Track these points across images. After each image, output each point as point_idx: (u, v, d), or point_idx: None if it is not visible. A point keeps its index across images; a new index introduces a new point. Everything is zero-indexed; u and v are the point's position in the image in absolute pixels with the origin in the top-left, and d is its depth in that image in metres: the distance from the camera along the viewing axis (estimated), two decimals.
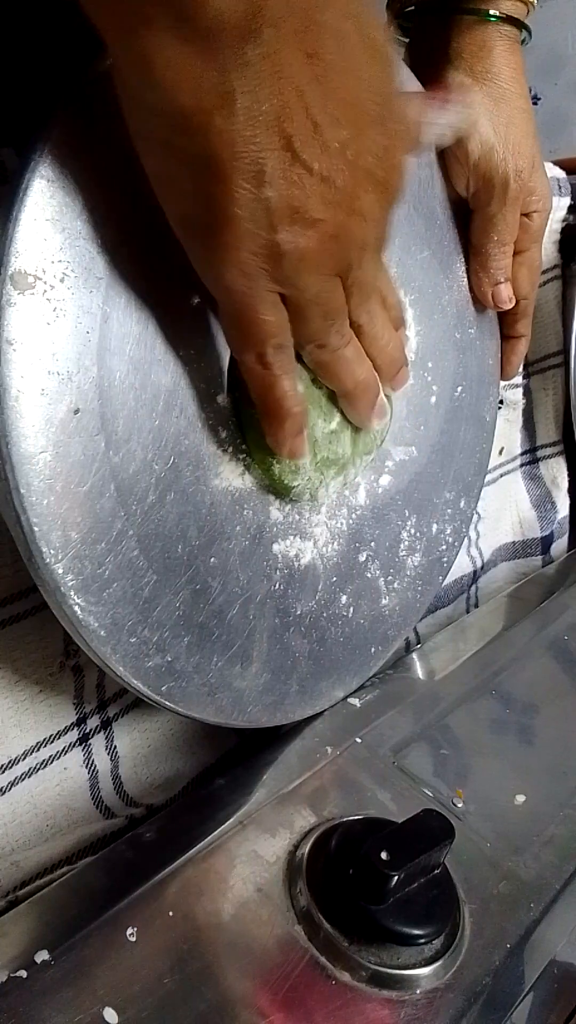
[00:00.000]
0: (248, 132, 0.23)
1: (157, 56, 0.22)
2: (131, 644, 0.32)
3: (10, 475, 0.28)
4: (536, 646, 0.55)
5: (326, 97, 0.24)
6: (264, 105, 0.23)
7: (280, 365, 0.30)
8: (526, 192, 0.46)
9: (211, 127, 0.23)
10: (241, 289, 0.27)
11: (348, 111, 0.25)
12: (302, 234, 0.25)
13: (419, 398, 0.46)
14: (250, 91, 0.23)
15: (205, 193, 0.24)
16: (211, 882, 0.34)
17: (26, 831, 0.39)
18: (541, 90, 1.53)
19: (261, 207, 0.24)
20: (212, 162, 0.24)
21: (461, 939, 0.34)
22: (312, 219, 0.25)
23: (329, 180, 0.25)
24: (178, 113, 0.23)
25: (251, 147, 0.23)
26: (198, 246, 0.27)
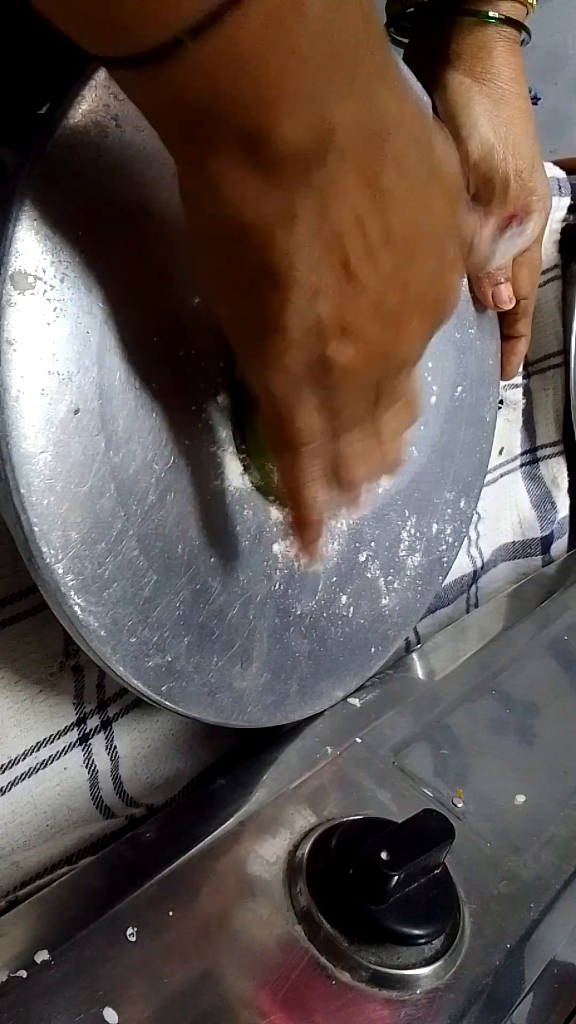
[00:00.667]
0: (307, 249, 0.24)
1: (224, 177, 0.23)
2: (131, 644, 0.32)
3: (10, 475, 0.28)
4: (536, 646, 0.55)
5: (384, 223, 0.25)
6: (324, 227, 0.24)
7: (311, 472, 0.30)
8: (526, 192, 0.46)
9: (272, 242, 0.24)
10: (284, 394, 0.28)
11: (404, 237, 0.25)
12: (351, 348, 0.26)
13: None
14: (312, 213, 0.23)
15: (260, 302, 0.25)
16: (211, 882, 0.34)
17: (26, 831, 0.39)
18: (541, 90, 1.53)
19: (314, 319, 0.25)
20: (270, 273, 0.24)
21: (461, 939, 0.34)
22: (362, 336, 0.26)
23: (381, 300, 0.26)
24: (241, 227, 0.24)
25: (309, 263, 0.24)
26: (248, 347, 0.28)
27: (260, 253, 0.24)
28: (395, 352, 0.28)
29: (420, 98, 0.25)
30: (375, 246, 0.25)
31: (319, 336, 0.26)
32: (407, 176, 0.25)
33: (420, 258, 0.26)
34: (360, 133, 0.23)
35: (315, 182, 0.23)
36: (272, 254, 0.24)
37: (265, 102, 0.21)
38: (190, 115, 0.22)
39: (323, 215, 0.24)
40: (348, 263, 0.25)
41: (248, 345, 0.28)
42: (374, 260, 0.25)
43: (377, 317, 0.26)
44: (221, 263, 0.26)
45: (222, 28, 0.19)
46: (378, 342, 0.27)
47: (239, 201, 0.23)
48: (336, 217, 0.24)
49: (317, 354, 0.26)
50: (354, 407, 0.29)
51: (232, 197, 0.23)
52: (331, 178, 0.23)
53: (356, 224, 0.24)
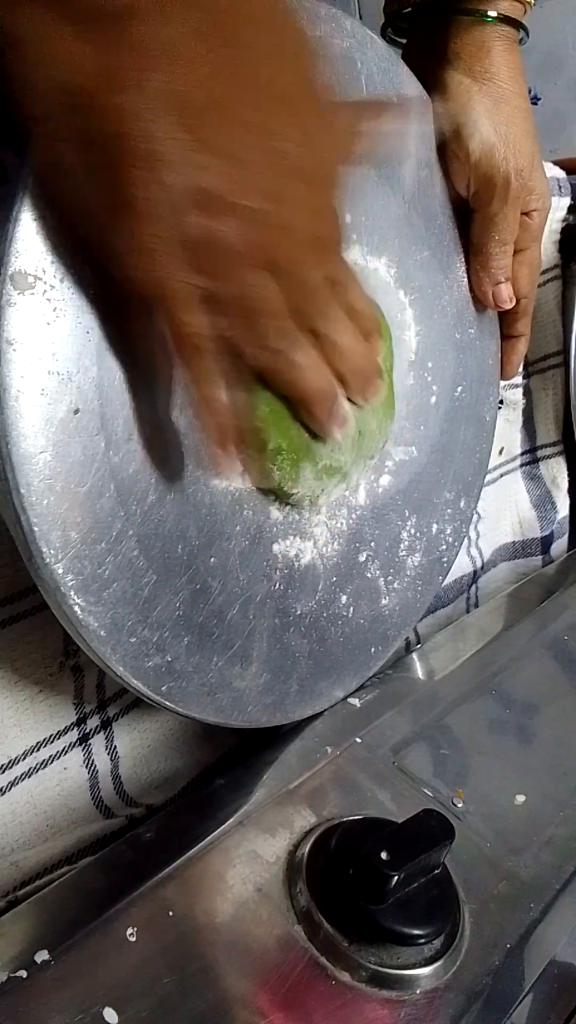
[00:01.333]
0: (138, 109, 0.22)
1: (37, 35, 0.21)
2: (131, 644, 0.32)
3: (10, 475, 0.28)
4: (536, 646, 0.55)
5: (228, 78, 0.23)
6: (152, 82, 0.22)
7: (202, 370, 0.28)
8: (526, 191, 0.46)
9: (97, 105, 0.22)
10: (152, 281, 0.25)
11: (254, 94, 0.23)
12: (214, 218, 0.24)
13: (419, 398, 0.46)
14: (136, 69, 0.22)
15: (100, 175, 0.23)
16: (211, 882, 0.34)
17: (26, 831, 0.39)
18: (541, 90, 1.53)
19: (159, 186, 0.23)
20: (103, 142, 0.22)
21: (461, 939, 0.34)
22: (224, 202, 0.24)
23: (238, 161, 0.23)
24: (62, 91, 0.22)
25: (142, 124, 0.22)
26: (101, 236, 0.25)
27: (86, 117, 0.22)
28: (275, 224, 0.25)
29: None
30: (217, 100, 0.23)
31: (171, 206, 0.23)
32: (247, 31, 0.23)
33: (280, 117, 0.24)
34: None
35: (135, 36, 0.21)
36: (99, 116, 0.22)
37: None
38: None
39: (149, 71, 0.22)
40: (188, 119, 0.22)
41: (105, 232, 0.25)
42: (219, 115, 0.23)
43: (239, 181, 0.24)
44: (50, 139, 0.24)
45: None
46: (247, 210, 0.24)
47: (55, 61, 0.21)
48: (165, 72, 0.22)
49: (175, 226, 0.23)
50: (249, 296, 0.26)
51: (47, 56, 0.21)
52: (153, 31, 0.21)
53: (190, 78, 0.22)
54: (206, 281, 0.25)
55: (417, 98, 0.43)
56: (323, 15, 0.37)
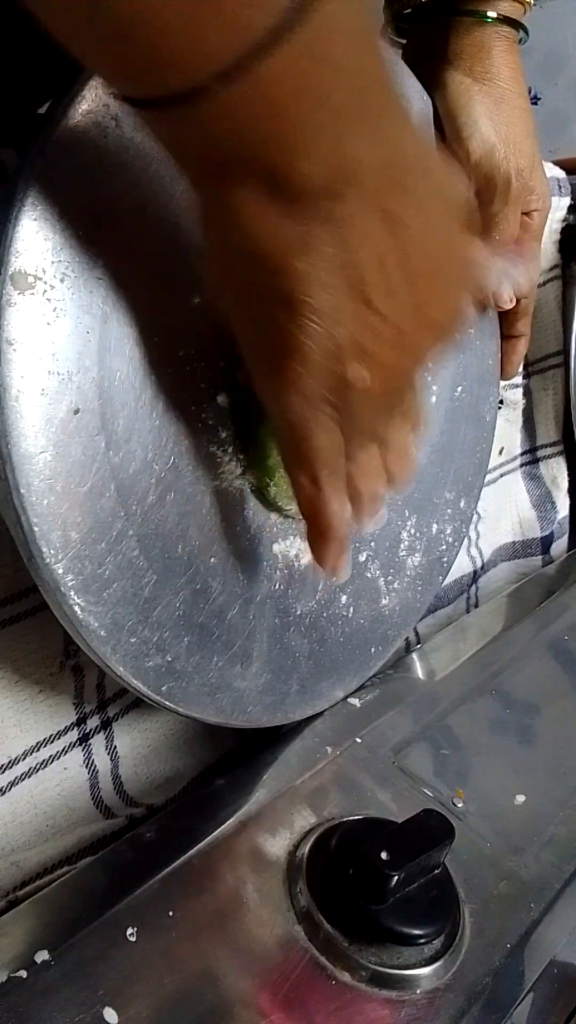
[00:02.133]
0: (323, 277, 0.25)
1: (245, 210, 0.24)
2: (131, 644, 0.32)
3: (10, 475, 0.28)
4: (536, 646, 0.55)
5: (399, 251, 0.25)
6: (342, 255, 0.24)
7: (332, 487, 0.31)
8: (526, 191, 0.46)
9: (290, 268, 0.24)
10: (302, 415, 0.28)
11: (418, 263, 0.26)
12: (368, 372, 0.27)
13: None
14: (330, 242, 0.24)
15: (278, 327, 0.26)
16: (211, 882, 0.34)
17: (26, 831, 0.39)
18: (541, 90, 1.53)
19: (331, 343, 0.26)
20: (289, 302, 0.25)
21: (461, 939, 0.34)
22: (379, 360, 0.27)
23: (397, 327, 0.27)
24: (259, 256, 0.24)
25: (325, 289, 0.25)
26: (266, 373, 0.28)
27: (278, 279, 0.25)
28: (409, 376, 0.29)
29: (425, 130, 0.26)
30: (390, 272, 0.26)
31: (336, 362, 0.26)
32: (423, 208, 0.26)
33: (434, 282, 0.27)
34: (377, 167, 0.24)
35: (333, 215, 0.24)
36: (289, 279, 0.25)
37: (287, 142, 0.22)
38: (213, 154, 0.23)
39: (341, 246, 0.24)
40: (364, 288, 0.25)
41: (267, 369, 0.28)
42: (389, 284, 0.26)
43: (394, 344, 0.27)
44: (241, 290, 0.27)
45: (249, 74, 0.20)
46: (392, 362, 0.28)
47: (258, 232, 0.24)
48: (353, 248, 0.24)
49: (334, 379, 0.27)
50: (368, 424, 0.30)
51: (252, 228, 0.24)
52: (349, 211, 0.24)
53: (372, 252, 0.25)
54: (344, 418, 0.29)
55: None
56: None
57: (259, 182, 0.23)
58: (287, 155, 0.22)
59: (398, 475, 0.34)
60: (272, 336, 0.27)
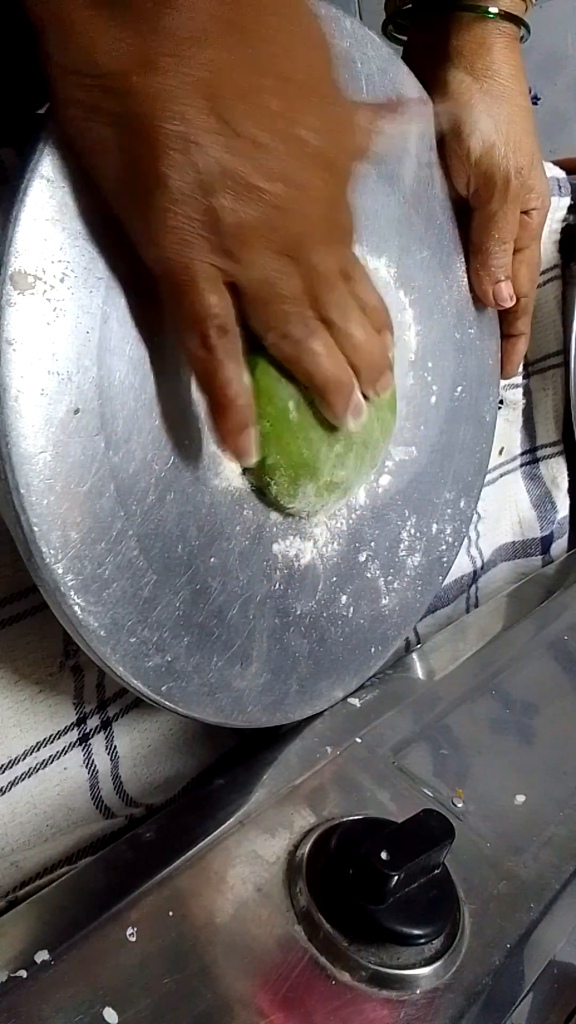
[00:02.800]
0: (171, 93, 0.23)
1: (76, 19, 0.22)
2: (131, 644, 0.32)
3: (10, 475, 0.28)
4: (536, 646, 0.55)
5: (253, 66, 0.24)
6: (185, 69, 0.23)
7: (223, 349, 0.28)
8: (526, 190, 0.46)
9: (132, 88, 0.23)
10: (178, 259, 0.25)
11: (278, 83, 0.24)
12: (241, 201, 0.24)
13: (419, 398, 0.46)
14: (170, 55, 0.22)
15: (134, 156, 0.24)
16: (211, 882, 0.34)
17: (26, 831, 0.39)
18: (541, 90, 1.53)
19: (192, 170, 0.24)
20: (137, 123, 0.23)
21: (461, 939, 0.34)
22: (250, 185, 0.24)
23: (264, 147, 0.24)
24: (98, 74, 0.23)
25: (175, 107, 0.23)
26: (132, 215, 0.26)
27: (122, 100, 0.23)
28: (296, 209, 0.26)
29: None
30: (246, 89, 0.23)
31: (201, 187, 0.24)
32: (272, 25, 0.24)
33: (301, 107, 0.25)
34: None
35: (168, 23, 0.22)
36: (134, 99, 0.23)
37: None
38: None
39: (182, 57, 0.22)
40: (217, 105, 0.23)
41: (133, 212, 0.26)
42: (247, 103, 0.24)
43: (264, 166, 0.24)
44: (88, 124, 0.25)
45: None
46: (271, 194, 0.25)
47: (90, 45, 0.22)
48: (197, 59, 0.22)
49: (204, 208, 0.24)
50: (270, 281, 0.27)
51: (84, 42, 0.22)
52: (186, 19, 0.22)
53: (221, 66, 0.23)
54: (231, 264, 0.26)
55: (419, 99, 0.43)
56: (323, 15, 0.37)
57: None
58: None
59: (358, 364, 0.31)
60: (128, 168, 0.24)
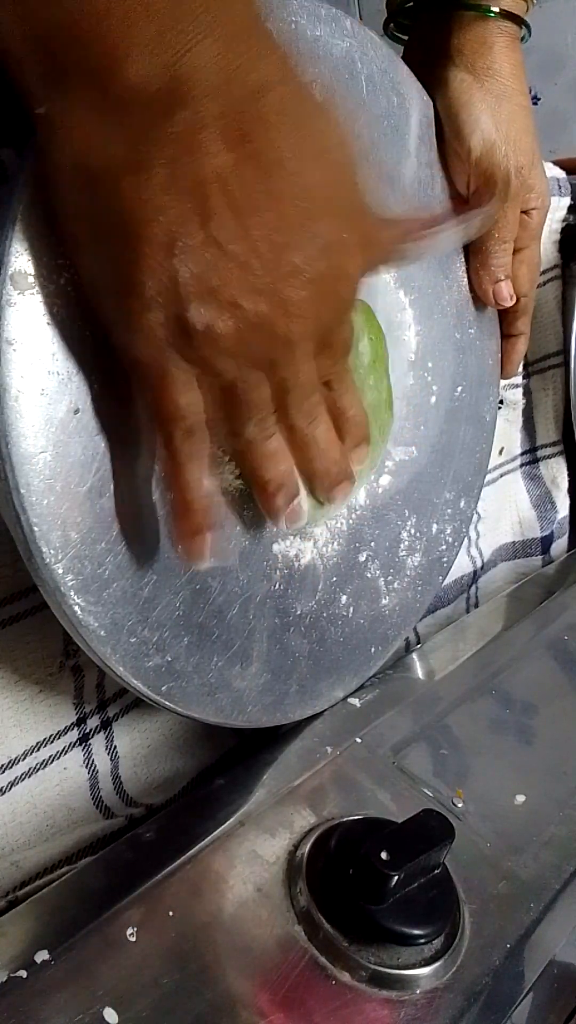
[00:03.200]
0: (158, 201, 0.22)
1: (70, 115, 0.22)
2: (131, 644, 0.32)
3: (10, 475, 0.28)
4: (536, 646, 0.55)
5: (256, 183, 0.23)
6: (178, 179, 0.22)
7: (187, 452, 0.28)
8: (526, 189, 0.46)
9: (119, 190, 0.22)
10: (149, 360, 0.26)
11: (274, 202, 0.24)
12: (215, 315, 0.24)
13: (419, 398, 0.46)
14: (164, 163, 0.22)
15: (113, 258, 0.24)
16: (211, 882, 0.34)
17: (26, 831, 0.39)
18: (541, 90, 1.53)
19: (168, 278, 0.23)
20: (121, 226, 0.23)
21: (461, 939, 0.34)
22: (227, 301, 0.24)
23: (247, 266, 0.24)
24: (88, 173, 0.23)
25: (161, 216, 0.23)
26: (108, 309, 0.26)
27: (109, 202, 0.23)
28: (274, 329, 0.26)
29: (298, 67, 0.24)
30: (238, 206, 0.23)
31: (175, 296, 0.24)
32: (282, 139, 0.23)
33: (299, 227, 0.24)
34: (217, 86, 0.22)
35: (166, 133, 0.22)
36: (120, 202, 0.23)
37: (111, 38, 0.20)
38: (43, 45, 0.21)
39: (176, 167, 0.22)
40: (205, 220, 0.23)
41: (108, 306, 0.26)
42: (236, 221, 0.23)
43: (246, 285, 0.24)
44: (75, 213, 0.25)
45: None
46: (255, 313, 0.25)
47: (86, 144, 0.22)
48: (191, 171, 0.22)
49: (176, 316, 0.24)
50: (237, 390, 0.27)
51: (80, 139, 0.22)
52: (184, 129, 0.22)
53: (215, 181, 0.23)
54: (200, 370, 0.26)
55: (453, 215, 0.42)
56: (323, 15, 0.37)
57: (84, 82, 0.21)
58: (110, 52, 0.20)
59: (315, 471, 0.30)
60: (109, 268, 0.24)
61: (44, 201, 0.28)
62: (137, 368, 0.26)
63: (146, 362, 0.26)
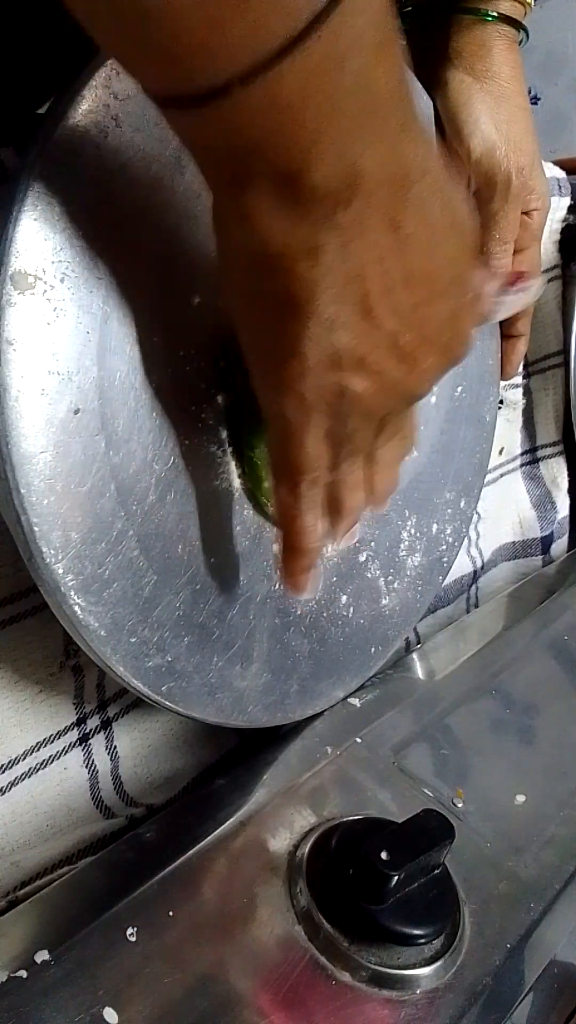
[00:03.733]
0: (328, 282, 0.25)
1: (257, 211, 0.24)
2: (131, 644, 0.32)
3: (10, 475, 0.28)
4: (536, 646, 0.55)
5: (404, 264, 0.26)
6: (346, 263, 0.25)
7: (310, 499, 0.31)
8: (527, 190, 0.46)
9: (295, 272, 0.25)
10: (296, 420, 0.28)
11: (422, 279, 0.27)
12: (365, 380, 0.27)
13: None
14: (335, 249, 0.25)
15: (280, 329, 0.26)
16: (211, 882, 0.34)
17: (26, 831, 0.39)
18: (541, 90, 1.53)
19: (331, 348, 0.26)
20: (293, 305, 0.26)
21: (461, 939, 0.34)
22: (377, 369, 0.27)
23: (396, 337, 0.27)
24: (267, 257, 0.25)
25: (329, 295, 0.25)
26: (265, 372, 0.29)
27: (284, 281, 0.25)
28: (406, 388, 0.29)
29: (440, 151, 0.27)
30: (394, 284, 0.26)
31: (334, 365, 0.27)
32: (428, 222, 0.26)
33: (437, 300, 0.28)
34: (385, 179, 0.24)
35: (340, 221, 0.24)
36: (295, 283, 0.25)
37: (301, 147, 0.22)
38: (231, 153, 0.23)
39: (345, 251, 0.25)
40: (367, 298, 0.26)
41: (266, 369, 0.29)
42: (392, 297, 0.26)
43: (392, 353, 0.27)
44: (247, 290, 0.27)
45: (269, 77, 0.20)
46: (391, 377, 0.28)
47: (268, 233, 0.24)
48: (358, 254, 0.25)
49: (331, 383, 0.27)
50: (359, 438, 0.30)
51: (262, 229, 0.24)
52: (355, 218, 0.24)
53: (376, 263, 0.25)
54: (336, 425, 0.29)
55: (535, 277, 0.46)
56: None
57: (272, 185, 0.23)
58: (299, 159, 0.23)
59: (380, 492, 0.34)
60: (275, 338, 0.27)
61: (45, 201, 0.28)
62: (280, 423, 0.29)
63: (293, 419, 0.28)
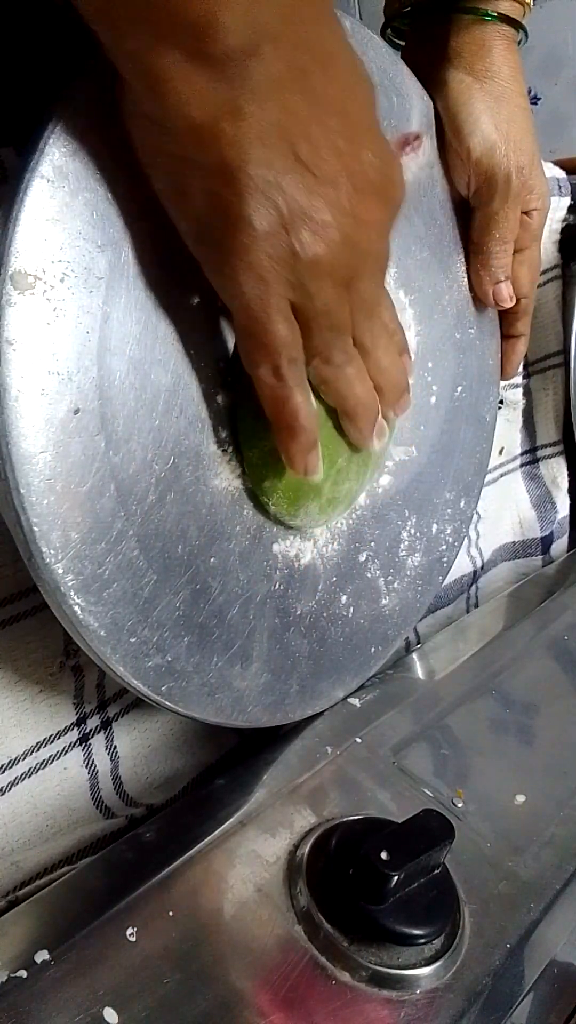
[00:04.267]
0: (255, 138, 0.25)
1: (171, 75, 0.24)
2: (131, 644, 0.32)
3: (10, 475, 0.28)
4: (536, 646, 0.55)
5: (321, 108, 0.26)
6: (268, 115, 0.25)
7: (294, 378, 0.30)
8: (526, 190, 0.46)
9: (222, 137, 0.24)
10: (256, 295, 0.28)
11: (341, 122, 0.26)
12: (314, 237, 0.27)
13: (419, 398, 0.46)
14: (255, 103, 0.24)
15: (219, 201, 0.26)
16: (211, 882, 0.34)
17: (26, 831, 0.39)
18: (541, 90, 1.53)
19: (274, 210, 0.26)
20: (225, 169, 0.25)
21: (461, 939, 0.34)
22: (323, 222, 0.27)
23: (334, 184, 0.26)
24: (190, 126, 0.25)
25: (259, 152, 0.25)
26: (213, 255, 0.28)
27: (211, 149, 0.25)
28: (357, 241, 0.28)
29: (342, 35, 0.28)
30: (317, 132, 0.26)
31: (281, 226, 0.26)
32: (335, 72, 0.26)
33: (359, 148, 0.27)
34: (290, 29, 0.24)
35: (253, 74, 0.24)
36: (223, 148, 0.25)
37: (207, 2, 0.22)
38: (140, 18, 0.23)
39: (265, 105, 0.24)
40: (296, 149, 0.25)
41: (213, 252, 0.28)
42: (318, 145, 0.26)
43: (333, 205, 0.27)
44: (174, 172, 0.27)
45: None
46: (340, 231, 0.27)
47: (188, 102, 0.24)
48: (277, 106, 0.25)
49: (281, 245, 0.26)
50: (333, 310, 0.29)
51: (181, 100, 0.24)
52: (268, 70, 0.24)
53: (296, 111, 0.25)
54: (301, 296, 0.28)
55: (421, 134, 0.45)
56: None
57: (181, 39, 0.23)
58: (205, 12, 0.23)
59: (383, 386, 0.34)
60: (213, 211, 0.26)
61: (45, 201, 0.28)
62: (244, 306, 0.28)
63: (253, 296, 0.28)
